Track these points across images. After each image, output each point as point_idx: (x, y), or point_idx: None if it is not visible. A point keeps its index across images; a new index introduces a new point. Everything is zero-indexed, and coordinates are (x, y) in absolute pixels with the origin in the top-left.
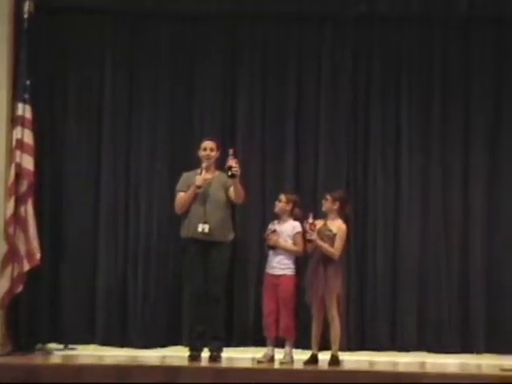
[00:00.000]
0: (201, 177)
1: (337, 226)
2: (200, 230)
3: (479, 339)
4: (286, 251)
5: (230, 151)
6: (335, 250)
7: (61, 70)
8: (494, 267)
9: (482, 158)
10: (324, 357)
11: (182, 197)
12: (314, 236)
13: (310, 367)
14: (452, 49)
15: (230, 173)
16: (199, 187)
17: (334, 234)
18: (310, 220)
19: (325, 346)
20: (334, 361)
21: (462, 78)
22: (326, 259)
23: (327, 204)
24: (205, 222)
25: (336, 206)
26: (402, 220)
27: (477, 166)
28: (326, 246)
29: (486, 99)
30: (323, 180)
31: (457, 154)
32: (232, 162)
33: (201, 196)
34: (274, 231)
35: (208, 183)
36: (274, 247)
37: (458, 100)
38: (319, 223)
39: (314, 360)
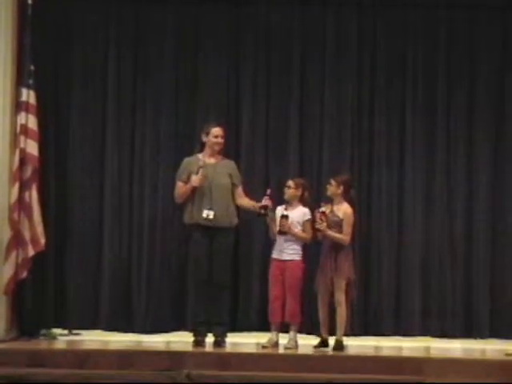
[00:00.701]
0: (197, 177)
1: (343, 210)
2: (205, 215)
3: (483, 324)
4: (295, 237)
5: (268, 191)
6: (344, 235)
7: (65, 56)
8: (497, 252)
9: (487, 148)
10: (328, 342)
11: (180, 188)
12: (323, 226)
13: (315, 352)
14: (458, 34)
15: (262, 211)
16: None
17: (341, 220)
18: (322, 209)
19: (330, 331)
20: (339, 346)
21: (468, 63)
22: (337, 245)
23: (332, 188)
24: (210, 208)
25: (340, 190)
26: (407, 207)
27: (481, 155)
28: (334, 234)
29: (491, 86)
30: (327, 167)
31: (462, 140)
32: (268, 202)
33: (205, 182)
34: (286, 217)
35: (204, 181)
36: (286, 233)
37: (463, 85)
38: (328, 208)
39: (324, 344)
